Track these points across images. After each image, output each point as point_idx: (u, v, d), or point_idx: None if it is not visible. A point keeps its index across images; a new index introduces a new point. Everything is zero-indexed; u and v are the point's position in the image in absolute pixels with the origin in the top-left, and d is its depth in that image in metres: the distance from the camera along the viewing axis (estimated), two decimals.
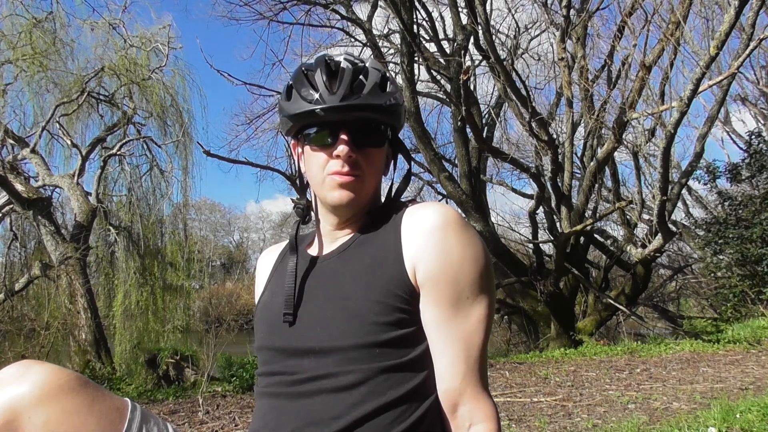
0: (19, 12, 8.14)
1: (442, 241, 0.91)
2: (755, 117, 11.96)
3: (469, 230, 0.94)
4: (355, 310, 0.92)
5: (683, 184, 8.42)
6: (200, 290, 18.77)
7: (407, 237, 0.94)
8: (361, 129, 0.99)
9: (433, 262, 0.90)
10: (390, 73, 1.06)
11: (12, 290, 8.51)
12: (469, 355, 0.90)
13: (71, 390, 0.87)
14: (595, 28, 8.13)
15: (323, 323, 0.94)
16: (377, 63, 1.05)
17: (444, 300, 0.90)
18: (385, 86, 1.01)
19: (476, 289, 0.91)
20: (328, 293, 0.97)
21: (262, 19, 9.59)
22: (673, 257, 12.76)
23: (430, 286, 0.91)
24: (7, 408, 0.83)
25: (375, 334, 0.90)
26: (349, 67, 0.99)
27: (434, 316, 0.91)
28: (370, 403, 0.87)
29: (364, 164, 1.00)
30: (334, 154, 0.98)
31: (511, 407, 3.99)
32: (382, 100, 0.98)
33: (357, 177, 0.99)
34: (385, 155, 1.06)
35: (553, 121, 8.91)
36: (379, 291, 0.92)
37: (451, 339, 0.90)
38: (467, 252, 0.91)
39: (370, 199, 1.04)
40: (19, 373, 0.87)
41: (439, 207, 0.95)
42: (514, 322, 10.15)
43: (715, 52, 4.87)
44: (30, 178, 8.22)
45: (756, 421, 3.04)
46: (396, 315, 0.91)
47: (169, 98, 9.56)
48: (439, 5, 10.29)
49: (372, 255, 0.97)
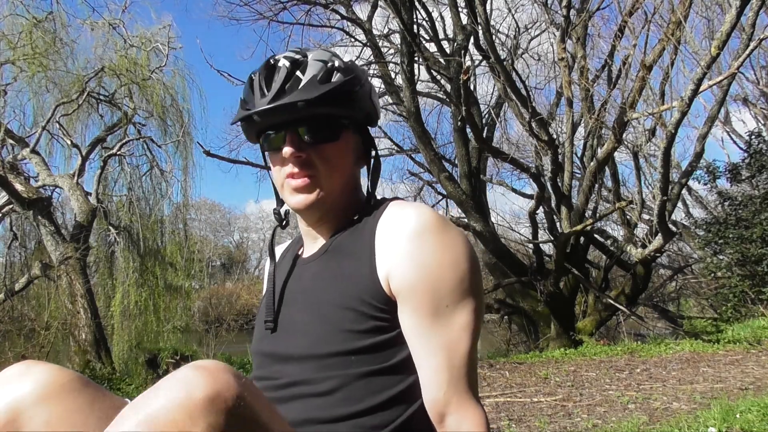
0: (19, 12, 8.14)
1: (418, 248, 0.87)
2: (755, 117, 11.96)
3: (449, 233, 0.89)
4: (328, 317, 0.91)
5: (683, 184, 8.41)
6: (200, 290, 18.76)
7: (381, 244, 0.91)
8: (310, 125, 0.96)
9: (409, 272, 0.87)
10: (340, 61, 1.00)
11: (12, 290, 8.51)
12: (453, 364, 0.87)
13: (72, 389, 0.87)
14: (596, 28, 8.13)
15: (302, 330, 0.94)
16: (324, 53, 1.00)
17: (422, 309, 0.87)
18: (329, 78, 0.96)
19: (457, 296, 0.87)
20: (306, 299, 0.97)
21: (262, 19, 9.59)
22: (673, 257, 12.75)
23: (406, 295, 0.88)
24: (9, 407, 0.84)
25: (348, 342, 0.89)
26: (285, 65, 0.95)
27: (413, 326, 0.88)
28: (347, 409, 0.87)
29: (319, 162, 0.96)
30: (284, 156, 0.96)
31: (511, 407, 3.99)
32: (316, 92, 0.92)
33: (312, 177, 0.96)
34: (352, 147, 1.02)
35: (553, 121, 8.91)
36: (351, 299, 0.90)
37: (433, 348, 0.87)
38: (445, 258, 0.87)
39: (340, 195, 1.00)
40: (20, 373, 0.87)
41: (415, 211, 0.90)
42: (514, 322, 10.14)
43: (716, 53, 4.86)
44: (30, 178, 8.22)
45: (756, 421, 3.04)
46: (370, 323, 0.89)
47: (170, 98, 9.55)
48: (439, 5, 10.29)
49: (346, 261, 0.94)
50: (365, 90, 1.00)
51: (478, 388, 0.94)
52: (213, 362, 0.71)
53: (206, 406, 0.65)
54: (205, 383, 0.66)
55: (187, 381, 0.67)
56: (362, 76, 1.00)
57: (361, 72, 1.00)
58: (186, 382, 0.67)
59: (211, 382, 0.67)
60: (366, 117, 1.03)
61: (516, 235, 12.35)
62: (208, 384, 0.66)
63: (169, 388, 0.67)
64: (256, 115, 0.94)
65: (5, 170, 7.19)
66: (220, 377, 0.68)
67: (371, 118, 1.04)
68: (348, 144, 1.00)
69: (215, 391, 0.66)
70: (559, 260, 7.66)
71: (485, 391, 4.46)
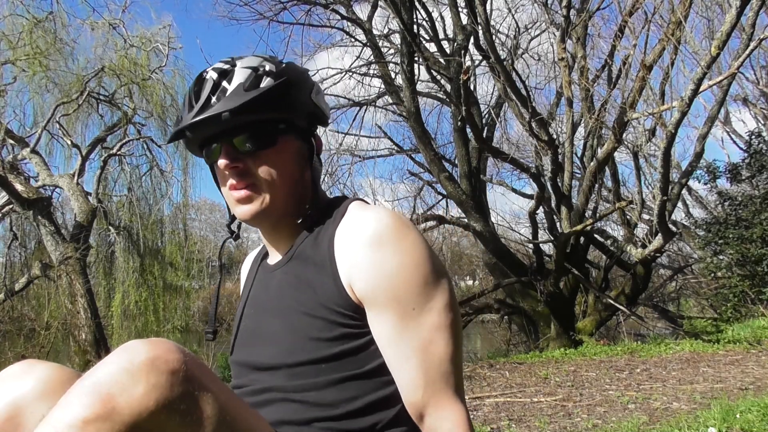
0: (19, 12, 8.15)
1: (377, 255, 0.86)
2: (755, 117, 11.96)
3: (407, 236, 0.87)
4: (296, 326, 0.91)
5: (683, 184, 8.41)
6: (200, 290, 18.74)
7: (341, 251, 0.90)
8: (244, 134, 0.93)
9: (371, 279, 0.86)
10: (272, 65, 0.97)
11: (12, 290, 8.51)
12: (428, 366, 0.86)
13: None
14: (596, 28, 8.13)
15: (272, 339, 0.94)
16: (254, 60, 0.97)
17: (389, 315, 0.86)
18: (257, 84, 0.93)
19: (422, 298, 0.86)
20: (275, 307, 0.97)
21: (262, 19, 9.58)
22: (673, 257, 12.76)
23: (371, 302, 0.87)
24: (11, 403, 0.85)
25: (318, 350, 0.88)
26: (212, 76, 0.93)
27: (383, 332, 0.87)
28: (322, 413, 0.87)
29: (257, 170, 0.94)
30: (222, 167, 0.94)
31: (511, 407, 3.99)
32: (240, 100, 0.90)
33: (252, 186, 0.94)
34: (295, 151, 0.98)
35: (553, 121, 8.90)
36: (316, 307, 0.89)
37: (406, 353, 0.86)
38: (406, 262, 0.86)
39: (288, 201, 0.97)
40: (22, 371, 0.89)
41: (374, 215, 0.89)
42: (514, 322, 10.14)
43: (716, 52, 4.86)
44: (30, 178, 8.23)
45: (756, 421, 3.04)
46: (338, 330, 0.88)
47: (170, 98, 9.57)
48: (439, 5, 10.28)
49: (309, 269, 0.93)
50: (303, 91, 0.97)
51: (479, 388, 0.94)
52: (158, 338, 0.74)
53: (148, 367, 0.68)
54: (146, 348, 0.70)
55: (129, 348, 0.71)
56: (297, 77, 0.97)
57: (295, 73, 0.97)
58: (128, 349, 0.71)
59: (153, 348, 0.70)
60: (310, 118, 0.99)
61: (516, 235, 12.34)
62: (149, 349, 0.70)
63: (112, 357, 0.71)
64: (186, 130, 0.92)
65: (5, 170, 7.19)
66: (162, 345, 0.71)
67: (318, 118, 1.01)
68: (289, 148, 0.97)
69: (156, 354, 0.69)
70: (559, 260, 7.66)
71: (485, 391, 4.46)
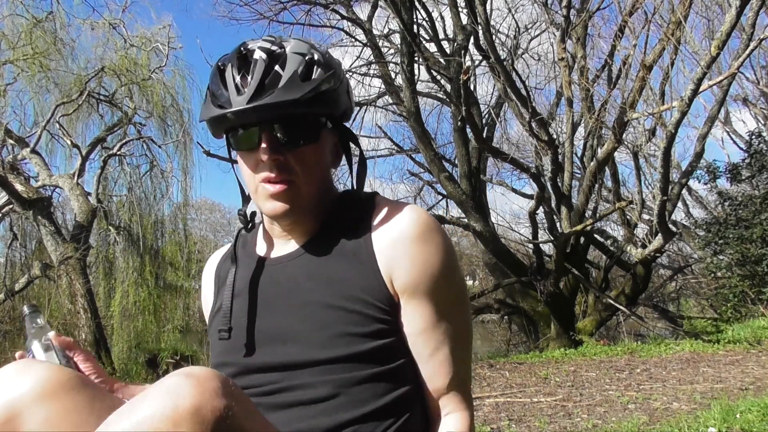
0: (19, 12, 8.15)
1: (420, 248, 0.89)
2: (755, 117, 11.95)
3: (442, 234, 0.92)
4: (325, 321, 0.87)
5: (683, 184, 8.41)
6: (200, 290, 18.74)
7: (381, 244, 0.89)
8: (288, 126, 0.88)
9: (412, 272, 0.88)
10: (318, 53, 0.91)
11: (12, 290, 8.52)
12: (457, 357, 0.92)
13: (72, 388, 0.86)
14: (596, 28, 8.14)
15: (291, 337, 0.89)
16: (302, 45, 0.91)
17: (427, 307, 0.89)
18: (309, 73, 0.88)
19: (456, 295, 0.93)
20: (291, 303, 0.92)
21: (262, 19, 9.59)
22: (673, 257, 12.75)
23: (410, 294, 0.89)
24: (7, 405, 0.82)
25: (352, 346, 0.86)
26: (262, 57, 0.86)
27: (418, 323, 0.90)
28: (350, 413, 0.86)
29: (297, 165, 0.89)
30: (260, 158, 0.88)
31: (511, 407, 3.99)
32: (300, 92, 0.84)
33: (290, 182, 0.89)
34: (329, 147, 0.95)
35: (553, 121, 8.90)
36: (353, 301, 0.87)
37: (438, 342, 0.90)
38: (445, 258, 0.90)
39: (315, 198, 0.94)
40: (19, 372, 0.86)
41: (413, 212, 0.91)
42: (514, 322, 10.13)
43: (716, 52, 4.86)
44: (30, 178, 8.24)
45: (756, 421, 3.04)
46: (374, 326, 0.88)
47: (170, 98, 9.58)
48: (439, 5, 10.28)
49: (341, 262, 0.91)
50: (343, 85, 0.93)
51: (479, 388, 0.96)
52: (202, 370, 0.69)
53: (192, 417, 0.64)
54: (192, 393, 0.65)
55: (174, 390, 0.66)
56: (340, 70, 0.93)
57: (338, 66, 0.93)
58: (173, 392, 0.65)
59: (199, 392, 0.65)
60: (343, 114, 0.96)
61: (516, 235, 12.34)
62: (195, 393, 0.65)
63: (156, 397, 0.66)
64: (233, 114, 0.85)
65: (5, 170, 7.19)
66: (208, 386, 0.66)
67: (347, 115, 0.98)
68: (326, 145, 0.94)
69: (201, 402, 0.65)
70: (559, 260, 7.66)
71: (485, 391, 4.45)
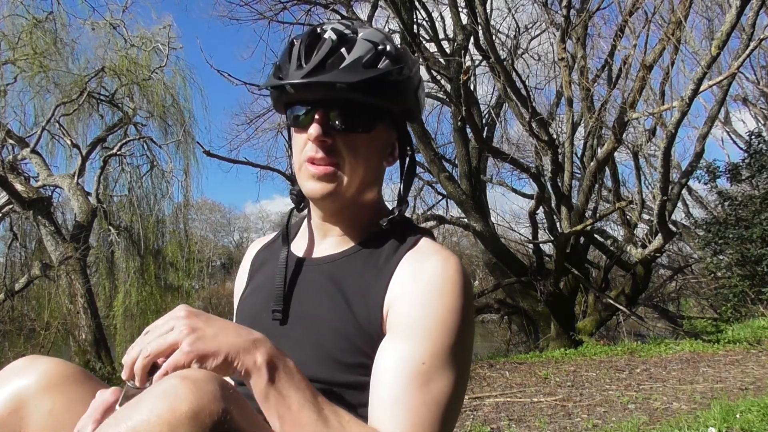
0: (19, 12, 8.14)
1: (428, 298, 0.83)
2: (755, 117, 11.96)
3: (464, 294, 0.84)
4: (321, 340, 0.86)
5: (683, 184, 8.41)
6: (200, 290, 18.76)
7: (398, 282, 0.86)
8: (343, 109, 0.87)
9: (408, 313, 0.82)
10: (392, 45, 0.89)
11: (12, 290, 8.51)
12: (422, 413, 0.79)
13: (75, 381, 0.89)
14: (597, 28, 8.14)
15: (292, 343, 0.88)
16: (376, 34, 0.90)
17: (407, 347, 0.81)
18: (376, 62, 0.86)
19: (447, 358, 0.81)
20: (303, 309, 0.91)
21: (262, 18, 9.61)
22: (673, 257, 12.76)
23: (395, 330, 0.83)
24: (14, 396, 0.86)
25: (333, 373, 0.84)
26: (332, 38, 0.86)
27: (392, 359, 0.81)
28: None
29: (345, 151, 0.87)
30: (310, 137, 0.87)
31: (511, 407, 3.99)
32: (358, 77, 0.83)
33: (335, 166, 0.88)
34: (384, 142, 0.93)
35: (553, 121, 8.90)
36: (348, 325, 0.85)
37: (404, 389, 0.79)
38: (451, 319, 0.82)
39: (360, 191, 0.92)
40: (25, 366, 0.89)
41: (440, 263, 0.85)
42: (514, 322, 10.14)
43: (716, 52, 4.86)
44: (30, 178, 8.23)
45: (756, 421, 3.04)
46: (357, 358, 0.85)
47: (170, 98, 9.57)
48: (439, 5, 10.29)
49: (357, 284, 0.88)
50: (412, 83, 0.91)
51: (479, 388, 0.91)
52: (199, 372, 0.68)
53: (189, 421, 0.63)
54: (189, 396, 0.64)
55: (171, 393, 0.64)
56: (412, 66, 0.91)
57: (411, 62, 0.91)
58: (170, 395, 0.64)
59: (196, 395, 0.64)
60: (405, 112, 0.94)
61: (516, 235, 12.34)
62: (192, 397, 0.64)
63: (153, 401, 0.65)
64: (291, 86, 0.85)
65: (5, 170, 7.19)
66: (206, 389, 0.65)
67: (411, 114, 0.95)
68: (380, 138, 0.91)
69: (199, 405, 0.64)
70: (559, 260, 7.66)
71: (485, 391, 4.46)
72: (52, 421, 0.85)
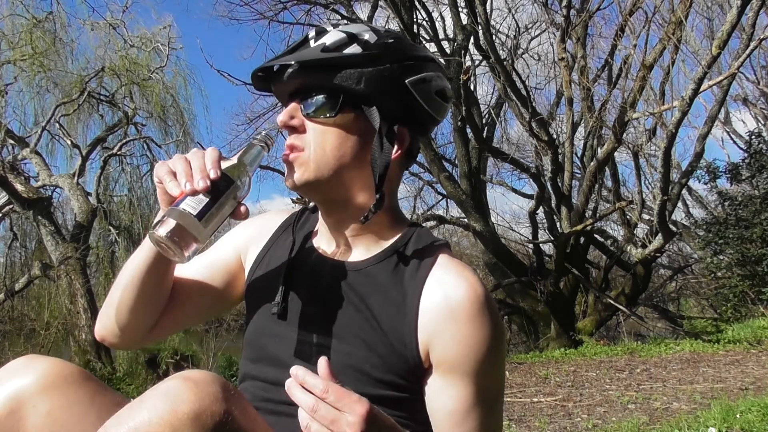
0: (19, 12, 8.15)
1: (467, 326, 0.83)
2: (755, 117, 11.96)
3: (495, 313, 0.86)
4: (350, 351, 0.86)
5: (683, 184, 8.41)
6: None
7: (428, 309, 0.85)
8: (310, 96, 0.87)
9: (453, 349, 0.84)
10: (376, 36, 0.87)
11: (12, 290, 8.51)
12: None
13: (74, 382, 0.88)
14: (597, 27, 8.14)
15: (309, 342, 0.88)
16: (360, 27, 0.88)
17: (462, 390, 0.84)
18: (343, 47, 0.84)
19: (496, 382, 0.87)
20: (325, 316, 0.89)
21: (262, 19, 9.61)
22: (673, 257, 12.76)
23: (445, 371, 0.85)
24: (12, 397, 0.84)
25: (360, 384, 0.82)
26: (311, 34, 0.88)
27: (449, 405, 0.85)
28: None
29: (313, 137, 0.87)
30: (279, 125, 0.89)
31: (511, 407, 3.99)
32: (312, 57, 0.83)
33: (302, 152, 0.88)
34: (359, 131, 0.88)
35: (553, 121, 8.91)
36: (379, 342, 0.85)
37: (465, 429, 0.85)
38: (492, 342, 0.84)
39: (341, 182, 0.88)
40: (24, 365, 0.88)
41: (470, 285, 0.85)
42: (514, 322, 10.14)
43: (716, 52, 4.87)
44: (30, 178, 8.22)
45: (756, 421, 3.04)
46: (390, 376, 0.85)
47: (170, 98, 9.58)
48: (439, 5, 10.29)
49: (383, 302, 0.87)
50: (393, 71, 0.86)
51: None
52: (201, 373, 0.68)
53: (191, 422, 0.63)
54: (191, 397, 0.64)
55: (172, 394, 0.64)
56: (396, 55, 0.86)
57: (396, 51, 0.87)
58: (171, 396, 0.64)
59: (198, 396, 0.64)
60: (404, 109, 0.89)
61: (516, 235, 12.36)
62: (194, 398, 0.64)
63: (154, 401, 0.64)
64: (259, 70, 0.89)
65: (5, 170, 7.19)
66: (207, 391, 0.65)
67: (412, 111, 0.89)
68: (352, 125, 0.88)
69: (201, 406, 0.63)
70: (559, 260, 7.66)
71: None
72: (50, 421, 0.83)
